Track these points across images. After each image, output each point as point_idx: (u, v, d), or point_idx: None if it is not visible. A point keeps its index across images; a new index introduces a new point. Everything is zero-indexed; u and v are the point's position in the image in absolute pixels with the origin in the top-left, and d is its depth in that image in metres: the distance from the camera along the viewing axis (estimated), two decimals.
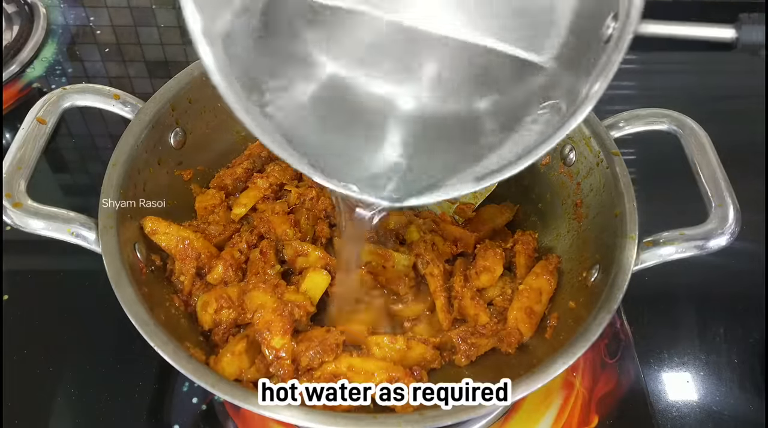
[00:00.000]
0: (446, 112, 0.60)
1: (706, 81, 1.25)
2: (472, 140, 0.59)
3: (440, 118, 0.59)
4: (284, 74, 0.58)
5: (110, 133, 1.10)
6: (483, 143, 0.58)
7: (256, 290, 0.72)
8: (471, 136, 0.59)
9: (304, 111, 0.58)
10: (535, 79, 0.56)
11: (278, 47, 0.57)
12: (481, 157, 0.56)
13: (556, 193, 0.86)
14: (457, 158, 0.58)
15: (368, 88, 0.59)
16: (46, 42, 1.24)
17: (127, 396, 0.79)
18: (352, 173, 0.56)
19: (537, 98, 0.56)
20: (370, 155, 0.59)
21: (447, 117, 0.60)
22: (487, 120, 0.59)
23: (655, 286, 0.86)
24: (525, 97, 0.57)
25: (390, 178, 0.57)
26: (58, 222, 0.67)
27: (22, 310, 0.87)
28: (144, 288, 0.68)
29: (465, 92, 0.60)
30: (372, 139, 0.60)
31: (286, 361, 0.68)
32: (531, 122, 0.55)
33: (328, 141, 0.58)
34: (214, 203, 0.83)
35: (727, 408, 0.81)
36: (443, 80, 0.59)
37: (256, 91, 0.53)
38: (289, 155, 0.52)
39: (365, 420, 0.58)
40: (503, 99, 0.58)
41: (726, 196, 0.70)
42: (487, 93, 0.59)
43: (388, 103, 0.59)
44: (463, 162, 0.56)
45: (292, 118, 0.56)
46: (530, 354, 0.74)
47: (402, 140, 0.59)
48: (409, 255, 0.81)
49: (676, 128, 0.77)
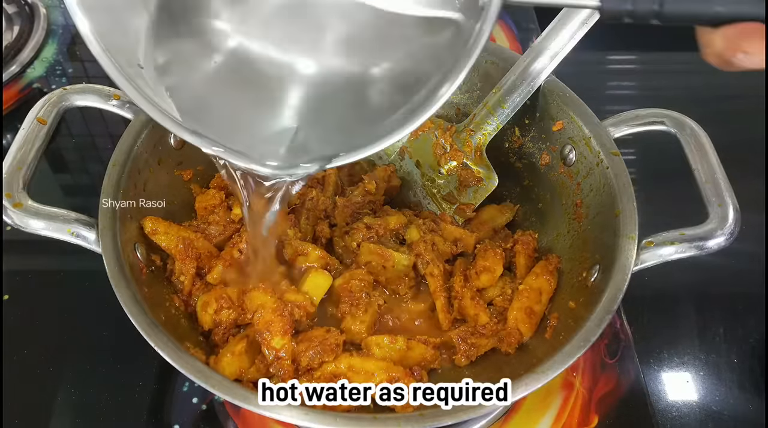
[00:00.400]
0: (345, 75, 0.60)
1: (705, 81, 1.25)
2: (368, 104, 0.60)
3: (338, 83, 0.60)
4: (183, 43, 0.58)
5: (110, 133, 1.10)
6: (380, 106, 0.58)
7: (256, 290, 0.72)
8: (368, 100, 0.60)
9: (198, 78, 0.59)
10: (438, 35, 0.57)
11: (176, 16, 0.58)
12: (377, 119, 0.56)
13: (556, 193, 0.86)
14: (352, 122, 0.59)
15: (269, 55, 0.59)
16: (46, 42, 1.24)
17: (127, 396, 0.79)
18: (242, 138, 0.57)
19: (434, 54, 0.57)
20: (262, 119, 0.60)
21: (345, 81, 0.60)
22: (385, 82, 0.59)
23: (655, 286, 0.86)
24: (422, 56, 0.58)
25: (281, 145, 0.57)
26: (58, 222, 0.67)
27: (22, 310, 0.87)
28: (144, 288, 0.68)
29: (365, 55, 0.60)
30: (264, 103, 0.60)
31: (286, 361, 0.68)
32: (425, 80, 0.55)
33: (219, 106, 0.59)
34: (214, 203, 0.83)
35: (727, 408, 0.81)
36: (343, 43, 0.60)
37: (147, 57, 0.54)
38: (166, 120, 0.53)
39: (365, 420, 0.58)
40: (401, 61, 0.59)
41: (726, 196, 0.70)
42: (386, 56, 0.59)
43: (287, 68, 0.59)
44: (359, 125, 0.57)
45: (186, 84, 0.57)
46: (530, 354, 0.74)
47: (295, 104, 0.59)
48: (409, 256, 0.81)
49: (676, 128, 0.77)
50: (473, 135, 0.87)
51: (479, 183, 0.89)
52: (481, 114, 0.86)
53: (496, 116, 0.84)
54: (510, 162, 0.92)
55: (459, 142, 0.89)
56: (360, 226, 0.82)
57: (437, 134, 0.90)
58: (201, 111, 0.57)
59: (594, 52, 1.25)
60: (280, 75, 0.59)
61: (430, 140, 0.91)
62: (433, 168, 0.92)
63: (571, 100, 0.82)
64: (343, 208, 0.85)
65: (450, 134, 0.89)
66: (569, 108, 0.82)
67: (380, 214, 0.85)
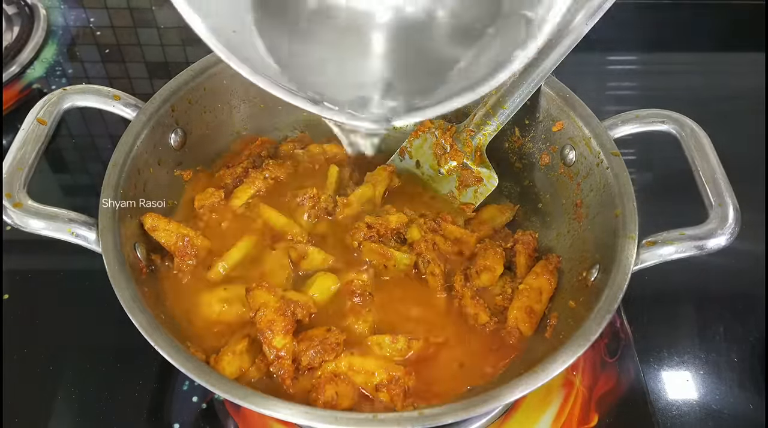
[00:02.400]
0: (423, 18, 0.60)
1: (706, 81, 1.25)
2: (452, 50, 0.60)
3: (419, 28, 0.60)
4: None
5: (110, 133, 1.10)
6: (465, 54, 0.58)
7: (259, 289, 0.72)
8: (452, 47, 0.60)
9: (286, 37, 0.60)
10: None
11: None
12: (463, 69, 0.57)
13: (556, 193, 0.86)
14: (439, 70, 0.59)
15: (348, 4, 0.60)
16: (46, 43, 1.25)
17: (127, 395, 0.79)
18: (338, 95, 0.58)
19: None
20: (354, 73, 0.61)
21: (425, 25, 0.60)
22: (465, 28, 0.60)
23: (655, 286, 0.86)
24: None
25: (375, 98, 0.58)
26: (58, 222, 0.67)
27: (22, 310, 0.87)
28: (144, 288, 0.68)
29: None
30: (354, 55, 0.61)
31: (286, 361, 0.68)
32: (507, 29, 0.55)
33: (312, 64, 0.60)
34: (213, 201, 0.84)
35: (727, 407, 0.81)
36: None
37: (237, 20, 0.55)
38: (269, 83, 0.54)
39: (365, 419, 0.58)
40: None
41: (726, 196, 0.70)
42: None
43: (367, 17, 0.60)
44: (445, 74, 0.58)
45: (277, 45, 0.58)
46: (530, 354, 0.74)
47: (383, 54, 0.60)
48: (410, 255, 0.81)
49: (676, 129, 0.77)
50: (473, 135, 0.87)
51: (479, 183, 0.89)
52: (481, 114, 0.86)
53: (496, 116, 0.85)
54: (510, 162, 0.92)
55: (459, 142, 0.89)
56: (361, 226, 0.82)
57: (437, 134, 0.90)
58: (301, 70, 0.58)
59: (594, 53, 1.25)
60: (362, 25, 0.60)
61: (430, 140, 0.91)
62: (433, 168, 0.92)
63: (572, 101, 0.82)
64: (343, 207, 0.85)
65: (450, 134, 0.89)
66: (569, 108, 0.82)
67: (381, 213, 0.85)
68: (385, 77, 0.60)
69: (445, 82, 0.58)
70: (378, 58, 0.61)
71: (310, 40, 0.60)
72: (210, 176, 0.89)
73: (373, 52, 0.61)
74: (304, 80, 0.57)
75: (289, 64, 0.57)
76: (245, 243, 0.81)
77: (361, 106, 0.58)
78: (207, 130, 0.88)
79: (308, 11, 0.60)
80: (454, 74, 0.58)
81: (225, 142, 0.91)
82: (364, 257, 0.81)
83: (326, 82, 0.59)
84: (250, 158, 0.90)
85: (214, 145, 0.90)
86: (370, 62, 0.61)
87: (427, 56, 0.61)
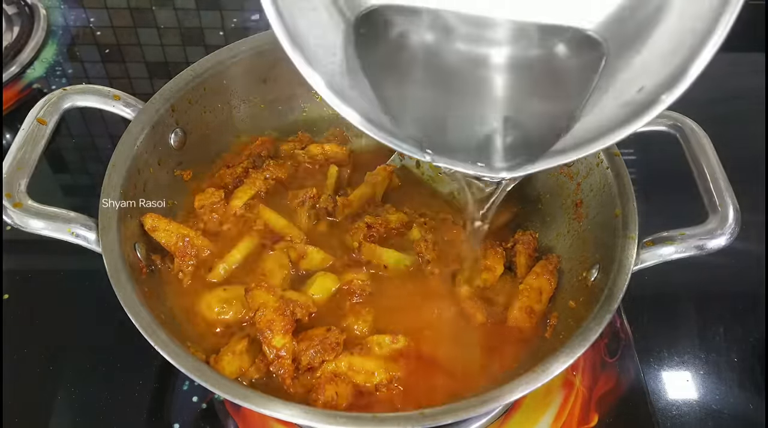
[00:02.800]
0: (534, 59, 0.59)
1: (706, 81, 1.24)
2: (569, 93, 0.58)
3: (532, 66, 0.59)
4: (381, 55, 0.59)
5: (110, 133, 1.10)
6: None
7: (259, 289, 0.72)
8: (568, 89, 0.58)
9: (402, 86, 0.59)
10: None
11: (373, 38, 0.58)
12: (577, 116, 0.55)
13: (556, 193, 0.86)
14: (558, 112, 0.57)
15: (459, 50, 0.59)
16: (46, 43, 1.25)
17: (127, 395, 0.79)
18: (459, 145, 0.57)
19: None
20: (474, 117, 0.59)
21: (537, 64, 0.59)
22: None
23: (655, 286, 0.85)
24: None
25: (495, 147, 0.57)
26: (59, 222, 0.67)
27: (22, 310, 0.87)
28: (144, 287, 0.68)
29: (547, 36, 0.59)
30: (471, 102, 0.60)
31: (286, 360, 0.68)
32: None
33: (431, 113, 0.59)
34: (213, 201, 0.84)
35: (727, 407, 0.81)
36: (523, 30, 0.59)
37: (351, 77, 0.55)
38: (388, 136, 0.55)
39: (365, 419, 0.58)
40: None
41: (726, 196, 0.70)
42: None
43: (481, 62, 0.59)
44: (564, 118, 0.56)
45: (393, 96, 0.57)
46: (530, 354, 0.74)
47: (499, 97, 0.59)
48: (410, 255, 0.81)
49: (676, 129, 0.77)
50: None
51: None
52: None
53: None
54: None
55: None
56: (361, 225, 0.82)
57: None
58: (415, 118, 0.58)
59: None
60: (474, 69, 0.59)
61: None
62: (433, 168, 0.92)
63: None
64: (343, 207, 0.85)
65: None
66: None
67: (381, 213, 0.85)
68: (505, 113, 0.58)
69: (567, 129, 0.55)
70: (496, 96, 0.59)
71: (420, 89, 0.60)
72: (210, 176, 0.89)
73: (490, 92, 0.59)
74: (424, 129, 0.56)
75: (400, 112, 0.56)
76: (245, 245, 0.81)
77: (483, 151, 0.57)
78: (207, 130, 0.88)
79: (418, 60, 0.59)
80: (578, 120, 0.55)
81: (225, 142, 0.91)
82: (364, 257, 0.81)
83: (442, 129, 0.58)
84: (250, 158, 0.90)
85: (214, 145, 0.90)
86: (488, 102, 0.59)
87: (549, 87, 0.60)
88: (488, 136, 0.58)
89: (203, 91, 0.85)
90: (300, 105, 0.96)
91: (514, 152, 0.57)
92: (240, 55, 0.87)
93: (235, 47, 0.87)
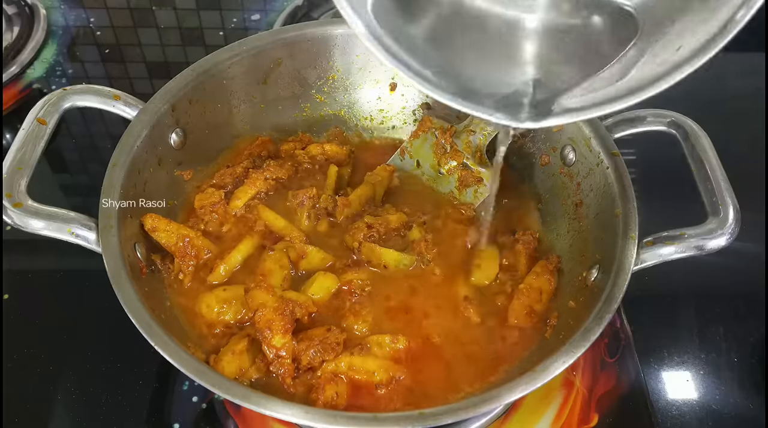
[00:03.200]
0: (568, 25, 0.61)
1: (706, 82, 1.24)
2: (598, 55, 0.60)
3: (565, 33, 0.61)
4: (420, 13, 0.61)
5: (110, 133, 1.10)
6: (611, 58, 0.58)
7: (258, 289, 0.72)
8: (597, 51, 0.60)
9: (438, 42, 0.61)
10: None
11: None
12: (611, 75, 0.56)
13: (556, 193, 0.86)
14: (587, 72, 0.59)
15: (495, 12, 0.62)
16: (46, 43, 1.25)
17: (127, 395, 0.79)
18: (487, 97, 0.58)
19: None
20: (503, 74, 0.61)
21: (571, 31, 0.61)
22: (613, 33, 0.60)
23: (655, 286, 0.86)
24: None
25: (523, 97, 0.58)
26: (59, 222, 0.67)
27: (22, 310, 0.87)
28: (144, 287, 0.68)
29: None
30: (503, 57, 0.62)
31: (286, 360, 0.68)
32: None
33: (463, 66, 0.61)
34: (213, 201, 0.84)
35: (727, 407, 0.81)
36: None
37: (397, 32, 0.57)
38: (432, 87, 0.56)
39: (365, 419, 0.58)
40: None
41: (726, 196, 0.70)
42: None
43: (514, 23, 0.61)
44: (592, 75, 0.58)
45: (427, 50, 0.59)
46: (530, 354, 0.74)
47: (531, 56, 0.61)
48: (410, 255, 0.81)
49: (676, 129, 0.77)
50: (473, 135, 0.87)
51: (479, 183, 0.89)
52: None
53: None
54: (510, 162, 0.92)
55: (459, 143, 0.89)
56: (361, 225, 0.82)
57: (437, 134, 0.90)
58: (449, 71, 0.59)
59: None
60: (509, 31, 0.62)
61: (431, 140, 0.91)
62: (433, 168, 0.92)
63: None
64: (343, 207, 0.85)
65: (450, 134, 0.89)
66: None
67: (381, 213, 0.85)
68: (535, 75, 0.60)
69: (602, 82, 0.57)
70: (527, 58, 0.61)
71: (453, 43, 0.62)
72: (210, 176, 0.89)
73: (522, 53, 0.62)
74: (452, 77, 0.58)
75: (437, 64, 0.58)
76: (246, 246, 0.81)
77: (510, 104, 0.58)
78: (207, 130, 0.88)
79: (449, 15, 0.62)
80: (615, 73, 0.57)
81: (225, 142, 0.91)
82: (364, 257, 0.81)
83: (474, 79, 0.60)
84: (250, 158, 0.90)
85: (214, 145, 0.90)
86: (519, 62, 0.61)
87: (581, 53, 0.62)
88: (516, 89, 0.59)
89: (203, 91, 0.85)
90: (300, 105, 0.96)
91: (539, 106, 0.58)
92: (240, 55, 0.87)
93: (235, 47, 0.87)
